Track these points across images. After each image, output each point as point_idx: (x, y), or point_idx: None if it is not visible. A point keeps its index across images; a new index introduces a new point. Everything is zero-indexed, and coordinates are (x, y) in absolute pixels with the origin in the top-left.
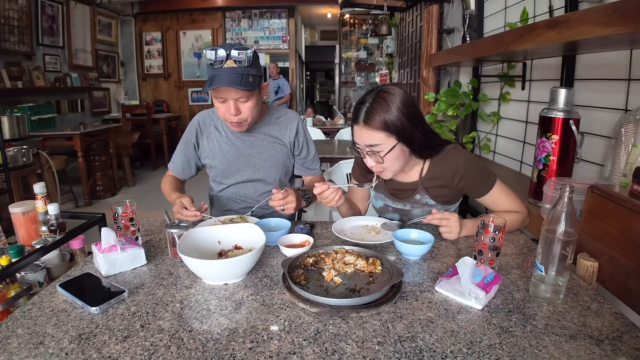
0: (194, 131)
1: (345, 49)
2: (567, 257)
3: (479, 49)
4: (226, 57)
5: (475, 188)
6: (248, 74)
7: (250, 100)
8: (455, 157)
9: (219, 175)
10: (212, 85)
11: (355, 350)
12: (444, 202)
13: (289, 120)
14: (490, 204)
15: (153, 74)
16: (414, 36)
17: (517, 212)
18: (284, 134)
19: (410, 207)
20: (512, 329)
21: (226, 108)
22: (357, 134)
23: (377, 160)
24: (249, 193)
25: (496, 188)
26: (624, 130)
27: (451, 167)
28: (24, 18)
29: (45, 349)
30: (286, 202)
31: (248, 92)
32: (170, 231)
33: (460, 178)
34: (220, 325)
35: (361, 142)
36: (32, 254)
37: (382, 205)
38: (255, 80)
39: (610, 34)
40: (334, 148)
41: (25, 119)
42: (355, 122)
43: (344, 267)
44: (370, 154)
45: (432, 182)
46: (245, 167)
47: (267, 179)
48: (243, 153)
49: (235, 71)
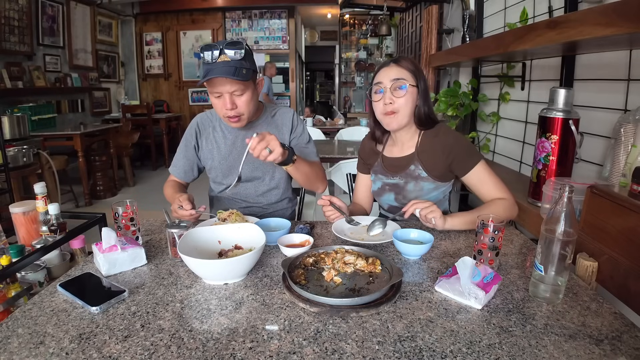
0: (194, 133)
1: (345, 49)
2: (566, 257)
3: (478, 49)
4: (219, 52)
5: (462, 162)
6: (242, 67)
7: (245, 94)
8: (445, 133)
9: (218, 175)
10: (207, 76)
11: (355, 349)
12: (435, 177)
13: (283, 114)
14: (475, 181)
15: (153, 74)
16: (414, 36)
17: (503, 198)
18: (281, 129)
19: (405, 181)
20: (511, 329)
21: (222, 103)
22: (384, 73)
23: (398, 96)
24: (248, 192)
25: (482, 166)
26: (624, 130)
27: (441, 140)
28: (24, 18)
29: (45, 349)
30: (267, 143)
31: (242, 84)
32: (170, 231)
33: (449, 152)
34: (221, 325)
35: (386, 79)
36: (33, 254)
37: (380, 186)
38: (249, 72)
39: (609, 34)
40: (334, 148)
41: (26, 119)
42: (384, 65)
43: (344, 267)
44: (392, 90)
45: (425, 154)
46: (244, 166)
47: (266, 177)
48: (242, 152)
49: (229, 64)
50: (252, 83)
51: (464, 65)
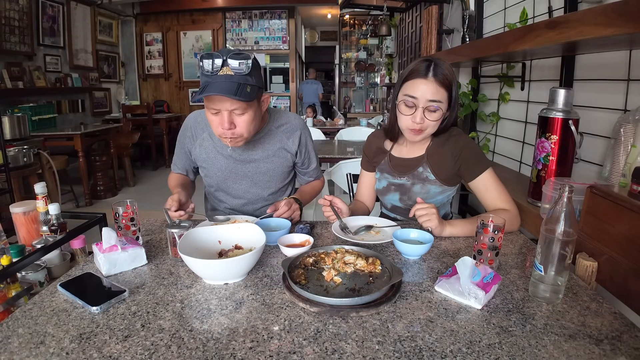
0: (186, 136)
1: (345, 49)
2: (566, 256)
3: (478, 49)
4: (222, 63)
5: (470, 168)
6: (246, 83)
7: (247, 113)
8: (456, 137)
9: (213, 186)
10: (204, 92)
11: (355, 349)
12: (442, 181)
13: (291, 129)
14: (481, 187)
15: (154, 74)
16: (414, 37)
17: (506, 209)
18: (286, 143)
19: (411, 182)
20: (511, 329)
21: (219, 121)
22: (421, 87)
23: (430, 118)
24: (246, 209)
25: (489, 174)
26: (623, 131)
27: (451, 144)
28: (24, 18)
29: (46, 349)
30: (292, 212)
31: (244, 103)
32: (170, 231)
33: (458, 156)
34: (221, 325)
35: (423, 96)
36: (33, 254)
37: (385, 185)
38: (254, 90)
39: (609, 35)
40: (334, 148)
41: (26, 119)
42: (423, 76)
43: (344, 266)
44: (426, 110)
45: (434, 157)
46: (242, 180)
47: (264, 194)
48: (240, 166)
49: (231, 79)
50: (257, 102)
51: (463, 65)
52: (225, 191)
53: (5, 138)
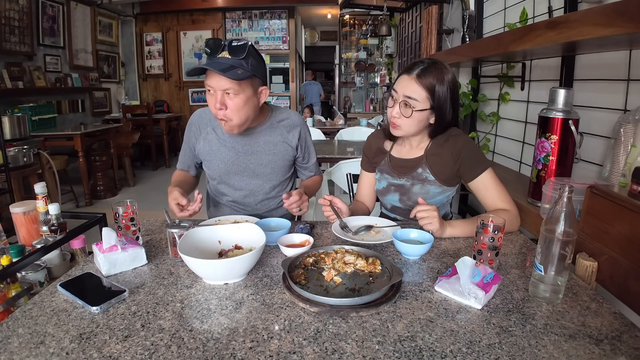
0: (191, 131)
1: (345, 49)
2: (566, 256)
3: (478, 49)
4: (222, 48)
5: (470, 168)
6: (238, 67)
7: (239, 97)
8: (455, 137)
9: (215, 179)
10: (200, 66)
11: (355, 349)
12: (442, 181)
13: (292, 124)
14: (481, 188)
15: (153, 74)
16: (414, 37)
17: (506, 210)
18: (286, 137)
19: (411, 183)
20: (511, 329)
21: (213, 100)
22: (403, 83)
23: (404, 113)
24: (248, 201)
25: (489, 174)
26: (623, 131)
27: (451, 145)
28: (24, 18)
29: (46, 349)
30: (302, 202)
31: (237, 84)
32: (170, 231)
33: (458, 156)
34: (221, 325)
35: (401, 91)
36: (33, 254)
37: (385, 185)
38: (245, 74)
39: (609, 35)
40: (334, 148)
41: (26, 119)
42: (408, 72)
43: (344, 266)
44: (402, 105)
45: (434, 158)
46: (244, 172)
47: (266, 187)
48: (242, 158)
49: (228, 61)
50: (250, 88)
51: (463, 65)
52: (227, 183)
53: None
